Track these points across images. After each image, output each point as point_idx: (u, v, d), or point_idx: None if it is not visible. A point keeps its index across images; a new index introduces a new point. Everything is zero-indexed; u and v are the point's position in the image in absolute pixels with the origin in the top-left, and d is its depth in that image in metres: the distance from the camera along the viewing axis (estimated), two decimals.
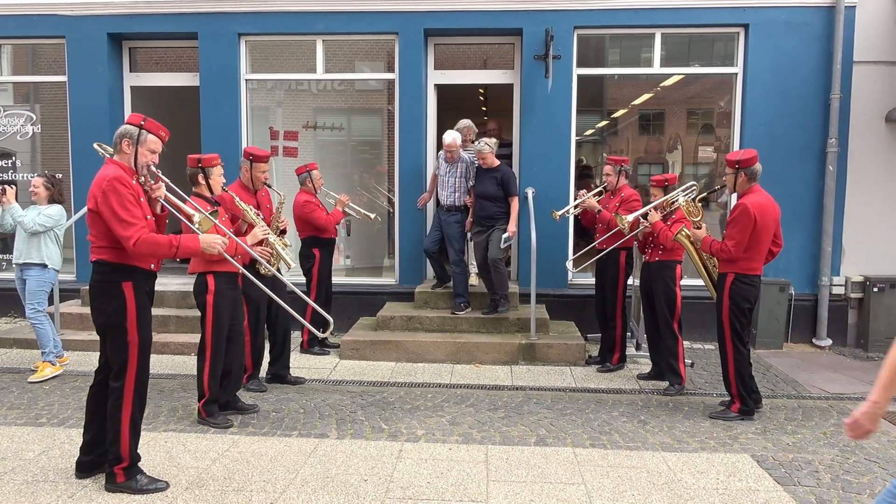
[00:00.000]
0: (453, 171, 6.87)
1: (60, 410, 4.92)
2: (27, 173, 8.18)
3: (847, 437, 4.54)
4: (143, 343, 3.56)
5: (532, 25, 7.23)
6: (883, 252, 7.26)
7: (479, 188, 6.66)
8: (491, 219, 6.59)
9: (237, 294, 4.76)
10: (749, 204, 4.69)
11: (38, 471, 3.85)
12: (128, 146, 3.51)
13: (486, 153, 6.55)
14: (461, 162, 6.85)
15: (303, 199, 6.30)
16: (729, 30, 7.29)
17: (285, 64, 7.87)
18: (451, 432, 4.59)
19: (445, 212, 6.92)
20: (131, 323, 3.49)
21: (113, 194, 3.34)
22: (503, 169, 6.60)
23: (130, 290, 3.50)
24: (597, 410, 5.13)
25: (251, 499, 3.55)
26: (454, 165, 6.86)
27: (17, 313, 7.85)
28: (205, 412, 4.63)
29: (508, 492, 3.68)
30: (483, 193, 6.61)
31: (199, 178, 4.67)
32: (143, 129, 3.53)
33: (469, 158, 6.85)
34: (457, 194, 6.86)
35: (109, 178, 3.37)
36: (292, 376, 5.77)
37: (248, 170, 5.32)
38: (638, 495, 3.67)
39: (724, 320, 4.88)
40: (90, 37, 7.64)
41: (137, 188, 3.47)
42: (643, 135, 8.36)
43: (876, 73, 7.11)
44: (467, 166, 6.85)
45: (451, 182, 6.87)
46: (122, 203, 3.34)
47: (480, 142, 6.55)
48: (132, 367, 3.53)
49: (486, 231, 6.62)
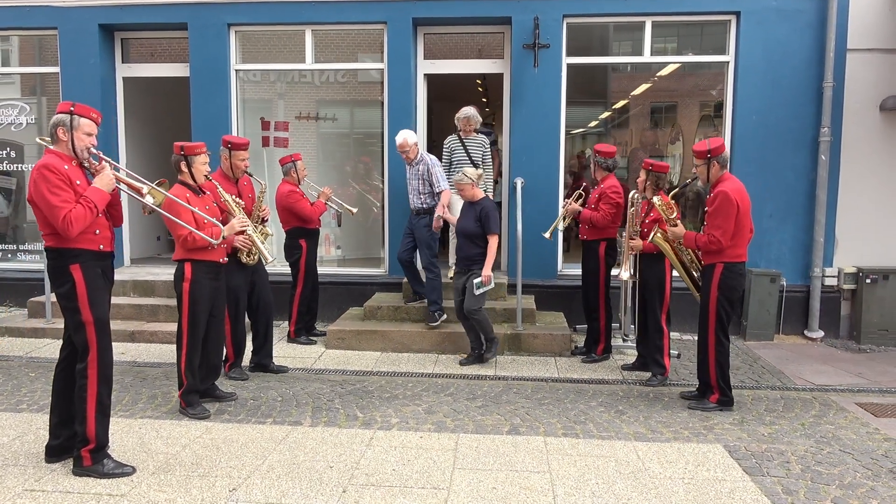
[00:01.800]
0: (414, 172, 6.57)
1: (42, 397, 4.97)
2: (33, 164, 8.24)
3: (824, 429, 4.52)
4: (98, 322, 3.60)
5: (521, 14, 7.17)
6: (876, 243, 7.16)
7: (460, 223, 5.97)
8: (469, 260, 5.87)
9: (217, 284, 4.74)
10: (728, 190, 4.65)
11: (9, 455, 3.89)
12: (63, 133, 3.57)
13: (465, 184, 5.83)
14: (420, 163, 6.51)
15: (286, 189, 6.31)
16: (720, 17, 7.19)
17: (275, 54, 7.87)
18: (425, 421, 4.59)
19: (415, 215, 6.64)
20: (83, 303, 3.56)
21: (42, 182, 3.44)
22: (484, 203, 5.85)
23: (79, 272, 3.56)
24: (575, 400, 5.11)
25: (214, 484, 3.57)
26: (414, 167, 6.57)
27: (12, 302, 7.93)
28: (184, 402, 4.65)
29: (472, 479, 3.67)
30: (462, 230, 5.91)
31: (182, 166, 4.65)
32: (75, 115, 3.57)
33: (430, 160, 6.52)
34: (422, 197, 6.53)
35: (38, 166, 3.47)
36: (275, 365, 5.80)
37: (227, 158, 5.35)
38: (602, 483, 3.65)
39: (710, 311, 4.84)
40: (82, 28, 7.68)
41: (70, 173, 3.51)
42: (640, 126, 8.29)
43: (870, 61, 6.99)
44: (428, 167, 6.47)
45: (413, 185, 6.59)
46: (50, 189, 3.42)
47: (459, 172, 5.90)
48: (93, 347, 3.59)
49: (465, 274, 5.91)
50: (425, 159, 6.54)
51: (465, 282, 5.88)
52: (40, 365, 5.86)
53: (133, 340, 6.67)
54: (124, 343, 6.58)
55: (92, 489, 3.49)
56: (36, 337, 6.78)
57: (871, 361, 6.49)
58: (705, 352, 4.91)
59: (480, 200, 5.87)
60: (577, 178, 8.06)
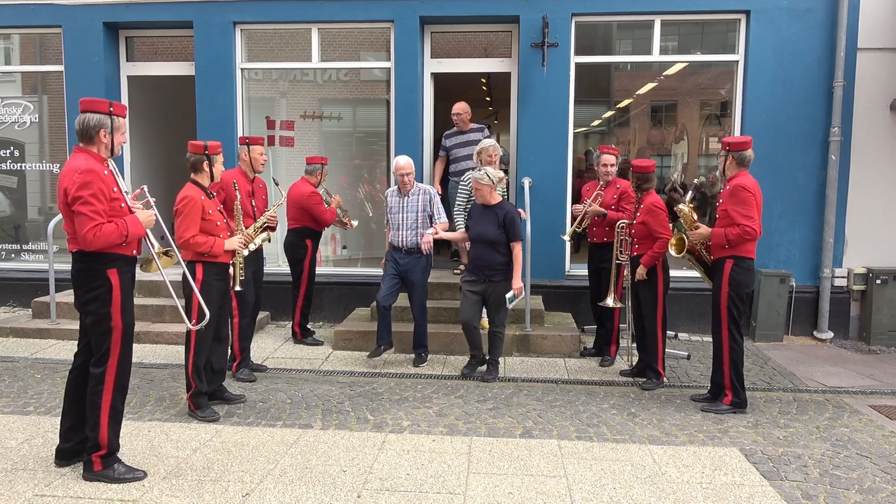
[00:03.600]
0: (409, 204, 5.79)
1: (49, 399, 4.93)
2: (34, 163, 8.22)
3: (840, 432, 4.48)
4: (126, 328, 3.57)
5: (529, 12, 7.12)
6: (887, 243, 7.12)
7: (477, 229, 5.44)
8: (490, 269, 5.37)
9: (224, 286, 4.72)
10: (740, 182, 4.72)
11: (18, 459, 3.84)
12: (105, 136, 3.51)
13: (484, 185, 5.35)
14: (420, 193, 5.81)
15: (309, 189, 6.34)
16: (730, 16, 7.14)
17: (281, 53, 7.82)
18: (436, 423, 4.55)
19: (406, 254, 5.81)
20: (115, 309, 3.51)
21: (83, 188, 3.37)
22: (507, 207, 5.43)
23: (116, 276, 3.51)
24: (587, 403, 5.06)
25: (227, 489, 3.52)
26: (411, 198, 5.81)
27: (16, 303, 7.88)
28: (193, 405, 4.61)
29: (488, 484, 3.63)
30: (482, 237, 5.39)
31: (204, 166, 4.56)
32: (114, 115, 3.53)
33: (430, 189, 5.92)
34: (421, 233, 5.77)
35: (81, 170, 3.38)
36: (253, 363, 5.76)
37: (246, 153, 5.51)
38: (619, 488, 3.61)
39: (722, 308, 4.80)
40: (86, 26, 7.62)
41: (108, 179, 3.49)
42: (647, 125, 8.24)
43: (881, 61, 6.94)
44: (430, 198, 5.83)
45: (407, 218, 5.77)
46: (90, 196, 3.36)
47: (480, 170, 5.43)
48: (115, 353, 3.53)
49: (483, 284, 5.42)
50: (424, 189, 5.89)
51: (483, 295, 5.48)
52: (46, 366, 5.82)
53: (139, 341, 6.58)
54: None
55: (103, 494, 3.44)
56: (41, 338, 6.73)
57: (882, 363, 6.45)
58: (720, 350, 4.88)
59: (501, 204, 5.45)
60: (580, 177, 8.00)
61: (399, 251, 5.84)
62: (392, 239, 5.89)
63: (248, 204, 5.40)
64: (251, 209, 5.44)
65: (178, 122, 8.52)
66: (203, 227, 4.47)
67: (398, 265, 5.85)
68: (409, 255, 5.81)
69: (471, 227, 5.54)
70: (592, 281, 6.29)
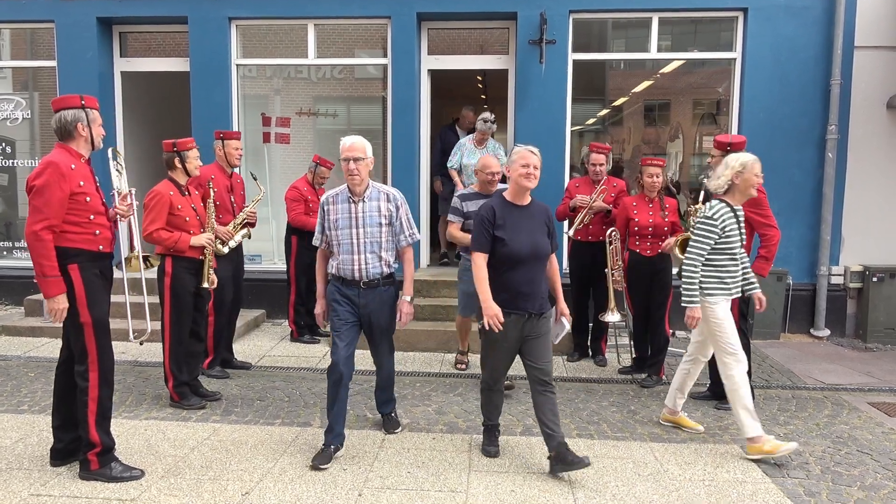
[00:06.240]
0: (369, 214, 3.96)
1: (42, 398, 4.86)
2: (25, 160, 8.12)
3: (839, 429, 4.47)
4: (97, 323, 3.50)
5: (527, 9, 7.09)
6: (883, 241, 7.13)
7: (524, 240, 3.76)
8: (540, 298, 3.79)
9: (198, 280, 4.74)
10: None
11: (13, 458, 3.79)
12: (83, 129, 3.51)
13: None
14: (378, 199, 4.02)
15: (294, 186, 6.31)
16: (727, 14, 7.14)
17: (276, 49, 7.76)
18: (436, 421, 4.52)
19: (365, 288, 3.97)
20: (81, 304, 3.46)
21: (48, 177, 3.43)
22: (543, 205, 4.00)
23: (76, 272, 3.45)
24: (587, 400, 5.05)
25: (226, 487, 3.48)
26: (366, 203, 3.98)
27: (8, 300, 7.80)
28: (176, 395, 4.67)
29: (489, 482, 3.60)
30: (535, 250, 3.78)
31: (176, 162, 4.62)
32: (87, 108, 3.52)
33: (398, 195, 4.11)
34: (383, 256, 4.01)
35: (49, 161, 3.45)
36: (238, 361, 5.73)
37: (220, 148, 5.44)
38: (622, 486, 3.59)
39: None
40: (79, 21, 7.53)
41: (75, 173, 3.54)
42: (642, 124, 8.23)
43: (877, 59, 6.95)
44: (397, 204, 4.06)
45: (366, 235, 3.96)
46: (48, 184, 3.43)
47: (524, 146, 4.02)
48: (92, 349, 3.50)
49: (530, 321, 3.72)
50: (387, 192, 4.05)
51: (532, 332, 3.71)
52: (39, 364, 5.75)
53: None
54: (124, 342, 6.41)
55: (100, 493, 3.39)
56: (34, 336, 6.65)
57: (879, 360, 6.46)
58: None
59: (534, 202, 3.92)
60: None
61: (353, 286, 3.97)
62: (340, 269, 3.95)
63: (226, 199, 5.38)
64: (230, 205, 5.40)
65: (172, 119, 8.43)
66: (171, 221, 4.54)
67: (355, 306, 3.98)
68: (369, 288, 4.01)
69: (508, 240, 3.69)
70: (582, 282, 5.98)
